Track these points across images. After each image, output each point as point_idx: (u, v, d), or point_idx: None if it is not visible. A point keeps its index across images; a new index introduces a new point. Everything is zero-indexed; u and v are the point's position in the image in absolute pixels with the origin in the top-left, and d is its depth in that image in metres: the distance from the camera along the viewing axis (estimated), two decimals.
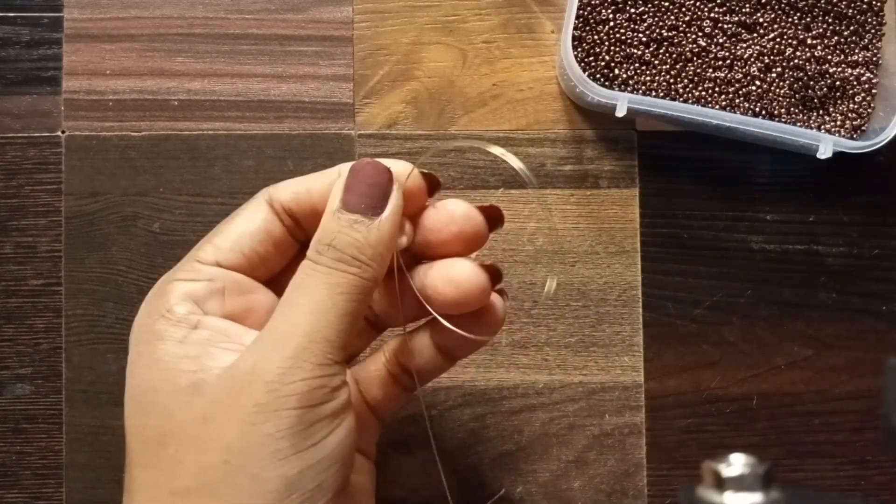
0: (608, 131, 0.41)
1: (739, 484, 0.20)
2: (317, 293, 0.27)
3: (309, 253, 0.28)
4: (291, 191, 0.30)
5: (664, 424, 0.40)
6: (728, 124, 0.39)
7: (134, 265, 0.40)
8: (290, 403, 0.25)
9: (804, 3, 0.41)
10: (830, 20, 0.41)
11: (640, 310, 0.41)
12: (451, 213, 0.30)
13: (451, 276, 0.29)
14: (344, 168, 0.29)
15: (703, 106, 0.40)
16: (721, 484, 0.20)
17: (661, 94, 0.40)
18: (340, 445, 0.26)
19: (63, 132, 0.41)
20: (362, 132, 0.41)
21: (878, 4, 0.41)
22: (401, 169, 0.29)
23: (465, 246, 0.30)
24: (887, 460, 0.40)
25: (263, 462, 0.25)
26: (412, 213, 0.30)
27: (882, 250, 0.41)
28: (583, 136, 0.41)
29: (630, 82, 0.40)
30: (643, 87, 0.40)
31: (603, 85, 0.40)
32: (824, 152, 0.38)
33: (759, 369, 0.41)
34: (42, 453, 0.40)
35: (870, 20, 0.41)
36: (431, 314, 0.30)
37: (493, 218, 0.30)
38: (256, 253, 0.29)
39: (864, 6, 0.41)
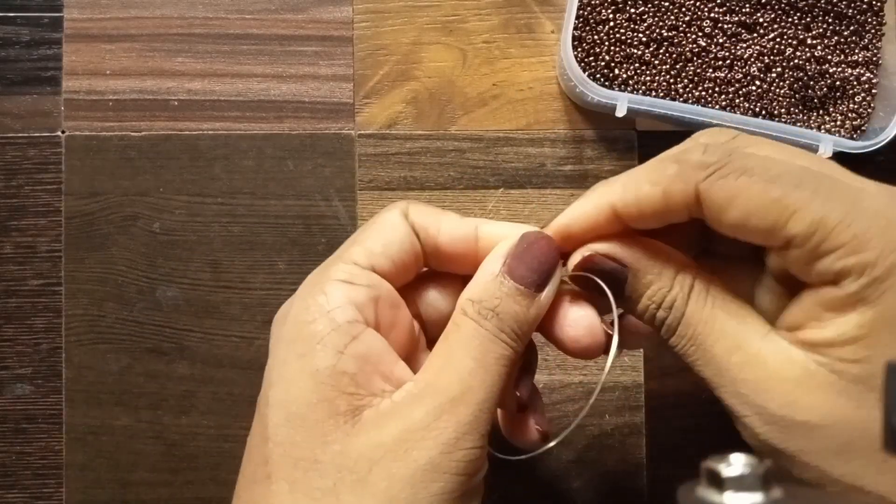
0: (608, 131, 0.41)
1: (739, 484, 0.20)
2: (486, 361, 0.26)
3: (468, 310, 0.27)
4: (425, 212, 0.29)
5: (664, 424, 0.40)
6: (728, 124, 0.39)
7: (134, 265, 0.40)
8: (458, 469, 0.26)
9: (804, 3, 0.41)
10: (830, 20, 0.41)
11: None
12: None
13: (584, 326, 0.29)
14: (487, 229, 0.29)
15: (703, 106, 0.40)
16: (721, 484, 0.20)
17: (661, 94, 0.40)
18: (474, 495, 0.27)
19: (63, 132, 0.41)
20: (362, 132, 0.41)
21: (878, 4, 0.41)
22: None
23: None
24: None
25: None
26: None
27: None
28: (583, 136, 0.41)
29: (630, 82, 0.40)
30: (643, 87, 0.40)
31: (603, 85, 0.40)
32: (824, 152, 0.38)
33: None
34: (42, 453, 0.40)
35: (870, 20, 0.41)
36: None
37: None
38: (403, 262, 0.29)
39: (864, 6, 0.41)
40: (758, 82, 0.41)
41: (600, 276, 0.28)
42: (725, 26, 0.41)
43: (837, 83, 0.41)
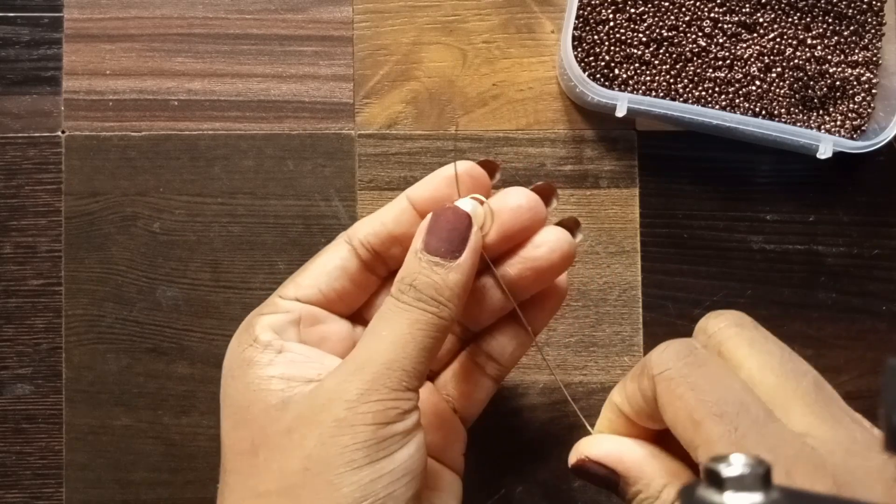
0: (608, 131, 0.41)
1: (739, 484, 0.20)
2: (398, 327, 0.29)
3: (392, 290, 0.30)
4: (366, 228, 0.33)
5: None
6: (728, 124, 0.39)
7: (134, 265, 0.40)
8: (365, 420, 0.28)
9: (804, 3, 0.41)
10: (830, 20, 0.41)
11: (640, 310, 0.41)
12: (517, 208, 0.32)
13: (546, 240, 0.32)
14: (412, 196, 0.33)
15: (703, 106, 0.40)
16: (721, 484, 0.20)
17: (661, 94, 0.40)
18: (411, 459, 0.29)
19: (63, 132, 0.41)
20: (362, 132, 0.41)
21: (878, 4, 0.41)
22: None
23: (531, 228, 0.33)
24: None
25: (339, 470, 0.27)
26: (531, 229, 0.32)
27: (882, 250, 0.41)
28: (583, 136, 0.41)
29: (630, 82, 0.40)
30: (643, 87, 0.40)
31: (603, 85, 0.40)
32: (824, 152, 0.38)
33: None
34: (42, 453, 0.40)
35: (870, 20, 0.41)
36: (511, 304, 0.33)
37: (547, 195, 0.33)
38: (333, 289, 0.33)
39: (864, 6, 0.41)
40: (758, 82, 0.41)
41: (592, 481, 0.32)
42: (725, 26, 0.41)
43: (837, 83, 0.41)
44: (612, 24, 0.40)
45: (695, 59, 0.41)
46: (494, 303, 0.33)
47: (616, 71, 0.40)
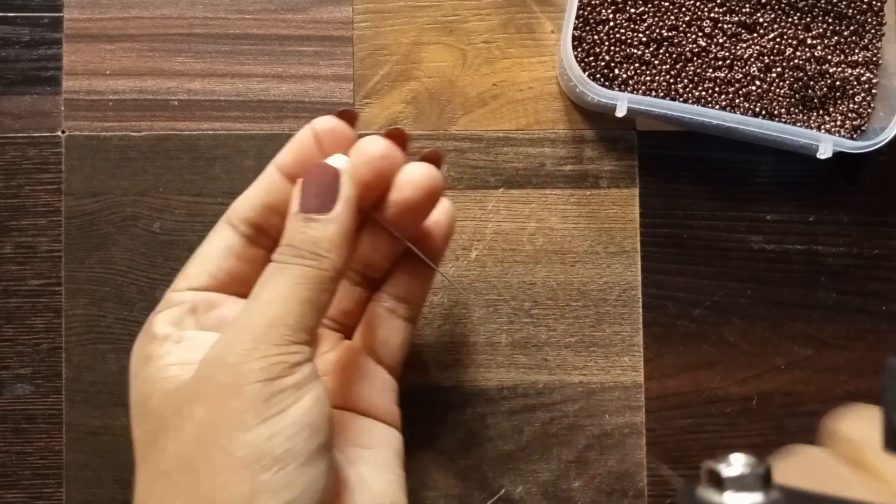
0: (608, 131, 0.41)
1: (739, 484, 0.20)
2: (277, 286, 0.29)
3: (273, 255, 0.30)
4: (243, 204, 0.33)
5: (664, 424, 0.40)
6: (728, 124, 0.39)
7: (134, 265, 0.40)
8: (249, 378, 0.27)
9: (804, 3, 0.41)
10: (830, 20, 0.41)
11: (640, 310, 0.41)
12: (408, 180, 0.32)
13: (407, 180, 0.32)
14: (280, 163, 0.33)
15: (703, 106, 0.40)
16: (721, 484, 0.20)
17: (661, 94, 0.40)
18: (308, 413, 0.28)
19: (63, 132, 0.41)
20: (362, 132, 0.41)
21: (878, 4, 0.41)
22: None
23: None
24: None
25: (230, 433, 0.27)
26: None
27: (882, 250, 0.41)
28: (583, 136, 0.41)
29: (630, 82, 0.40)
30: (643, 87, 0.40)
31: (603, 85, 0.40)
32: (824, 152, 0.38)
33: (759, 369, 0.41)
34: (42, 453, 0.40)
35: (870, 20, 0.41)
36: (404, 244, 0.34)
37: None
38: (223, 271, 0.32)
39: (864, 6, 0.41)
40: (758, 82, 0.41)
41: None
42: (725, 26, 0.41)
43: (837, 83, 0.41)
44: (612, 24, 0.40)
45: (695, 59, 0.41)
46: (383, 245, 0.34)
47: (616, 71, 0.40)
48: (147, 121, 0.41)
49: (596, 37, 0.40)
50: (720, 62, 0.41)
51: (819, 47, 0.41)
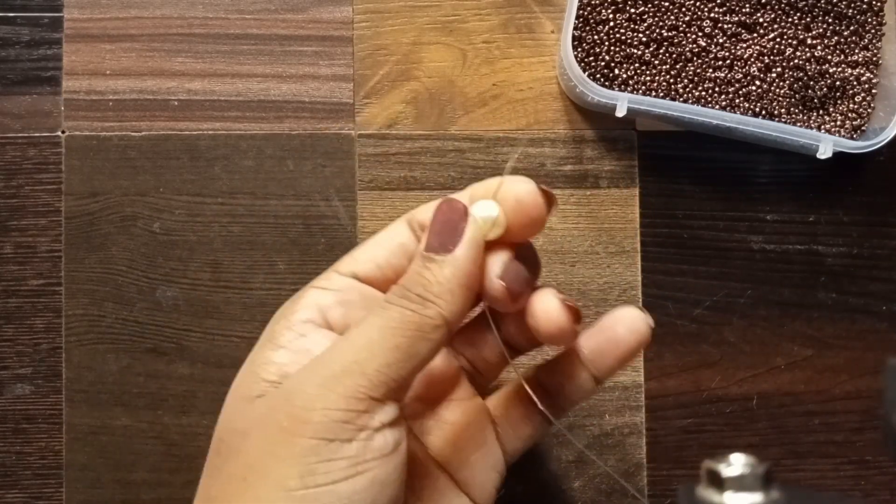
0: (608, 131, 0.41)
1: (739, 484, 0.20)
2: (369, 325, 0.26)
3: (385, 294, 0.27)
4: (426, 210, 0.30)
5: (664, 424, 0.40)
6: (728, 124, 0.39)
7: (134, 265, 0.40)
8: (306, 432, 0.24)
9: (804, 3, 0.41)
10: (830, 20, 0.41)
11: None
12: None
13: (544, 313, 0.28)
14: (474, 185, 0.29)
15: (703, 106, 0.40)
16: (721, 484, 0.20)
17: (661, 94, 0.40)
18: (356, 497, 0.24)
19: (63, 132, 0.41)
20: (362, 132, 0.41)
21: (878, 4, 0.41)
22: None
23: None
24: (887, 460, 0.40)
25: (270, 489, 0.24)
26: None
27: (882, 250, 0.41)
28: (583, 136, 0.41)
29: (630, 82, 0.40)
30: (643, 87, 0.40)
31: (603, 85, 0.40)
32: (824, 152, 0.38)
33: (759, 369, 0.41)
34: (42, 453, 0.40)
35: (870, 20, 0.41)
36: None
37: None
38: (390, 265, 0.29)
39: (864, 6, 0.41)
40: (758, 82, 0.41)
41: None
42: (725, 26, 0.41)
43: (837, 83, 0.41)
44: (612, 24, 0.40)
45: (695, 59, 0.41)
46: (528, 330, 0.29)
47: (616, 71, 0.40)
48: (147, 121, 0.41)
49: (596, 37, 0.40)
50: (720, 62, 0.41)
51: (819, 47, 0.41)
